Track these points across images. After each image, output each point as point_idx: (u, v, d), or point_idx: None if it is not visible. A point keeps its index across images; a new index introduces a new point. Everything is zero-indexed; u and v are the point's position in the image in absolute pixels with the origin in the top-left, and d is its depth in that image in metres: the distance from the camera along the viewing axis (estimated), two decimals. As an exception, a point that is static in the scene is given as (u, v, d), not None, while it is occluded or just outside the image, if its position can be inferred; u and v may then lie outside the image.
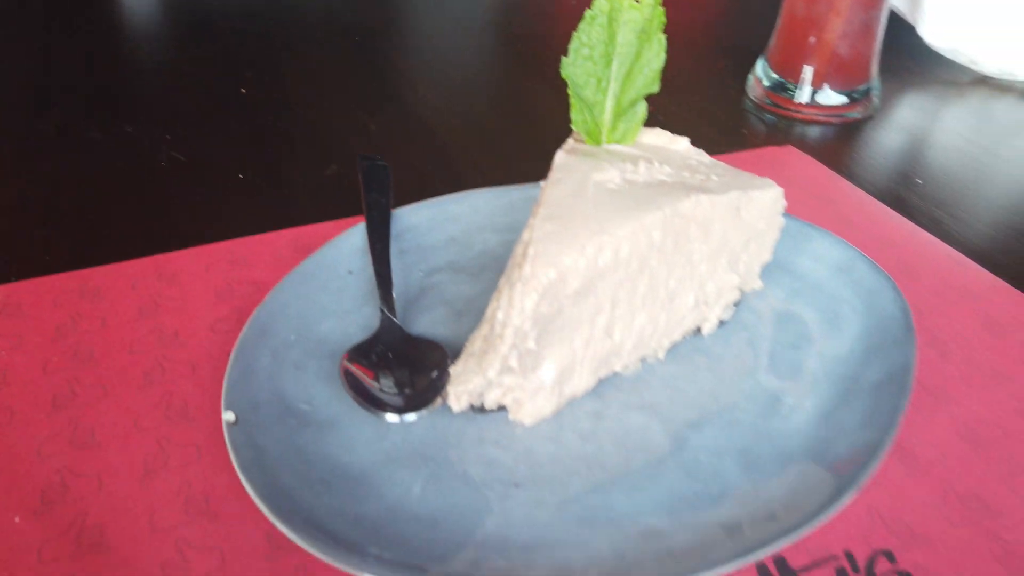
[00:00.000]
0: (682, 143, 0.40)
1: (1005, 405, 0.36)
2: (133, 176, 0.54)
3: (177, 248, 0.45)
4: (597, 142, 0.39)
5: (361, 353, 0.35)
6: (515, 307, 0.29)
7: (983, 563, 0.29)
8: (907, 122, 0.64)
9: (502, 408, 0.33)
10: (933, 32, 0.70)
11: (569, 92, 0.38)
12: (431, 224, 0.44)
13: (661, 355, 0.37)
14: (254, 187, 0.53)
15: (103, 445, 0.33)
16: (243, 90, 0.66)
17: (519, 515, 0.29)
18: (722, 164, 0.38)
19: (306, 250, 0.45)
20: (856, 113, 0.63)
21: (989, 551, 0.29)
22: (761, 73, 0.66)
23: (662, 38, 0.38)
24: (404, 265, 0.42)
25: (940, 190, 0.54)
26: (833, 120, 0.62)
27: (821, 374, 0.35)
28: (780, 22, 0.64)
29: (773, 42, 0.65)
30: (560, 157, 0.36)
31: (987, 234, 0.49)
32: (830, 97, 0.62)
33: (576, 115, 0.39)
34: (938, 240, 0.47)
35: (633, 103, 0.39)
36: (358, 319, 0.38)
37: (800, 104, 0.63)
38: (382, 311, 0.37)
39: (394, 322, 0.37)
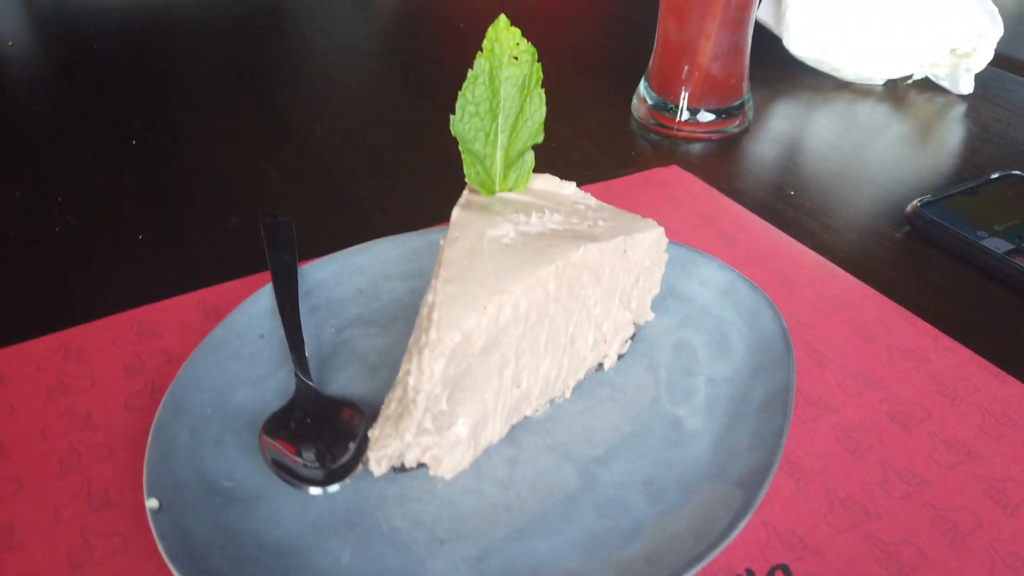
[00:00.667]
0: (569, 188, 0.42)
1: (877, 409, 0.40)
2: (26, 245, 0.52)
3: (81, 321, 0.45)
4: (491, 192, 0.41)
5: (279, 424, 0.36)
6: (424, 373, 0.31)
7: (866, 566, 0.32)
8: (779, 132, 0.69)
9: (422, 465, 0.34)
10: (797, 43, 0.75)
11: (460, 148, 0.40)
12: (337, 278, 0.45)
13: (567, 395, 0.39)
14: (154, 247, 0.52)
15: (24, 544, 0.33)
16: (134, 141, 0.65)
17: (445, 572, 0.30)
18: (607, 207, 0.41)
19: (214, 313, 0.45)
20: (733, 128, 0.67)
21: (870, 554, 0.33)
22: (644, 94, 0.69)
23: (541, 92, 0.40)
24: (315, 323, 0.43)
25: (811, 199, 0.58)
26: (712, 136, 0.66)
27: (713, 398, 0.38)
28: (656, 45, 0.67)
29: (652, 64, 0.68)
30: (456, 213, 0.38)
31: (854, 240, 0.54)
32: (707, 115, 0.66)
33: (468, 169, 0.41)
34: (811, 251, 0.51)
35: (521, 153, 0.41)
36: (274, 384, 0.39)
37: (681, 123, 0.66)
38: (296, 376, 0.38)
39: (310, 386, 0.38)
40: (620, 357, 0.41)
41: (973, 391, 0.41)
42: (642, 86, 0.70)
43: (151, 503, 0.31)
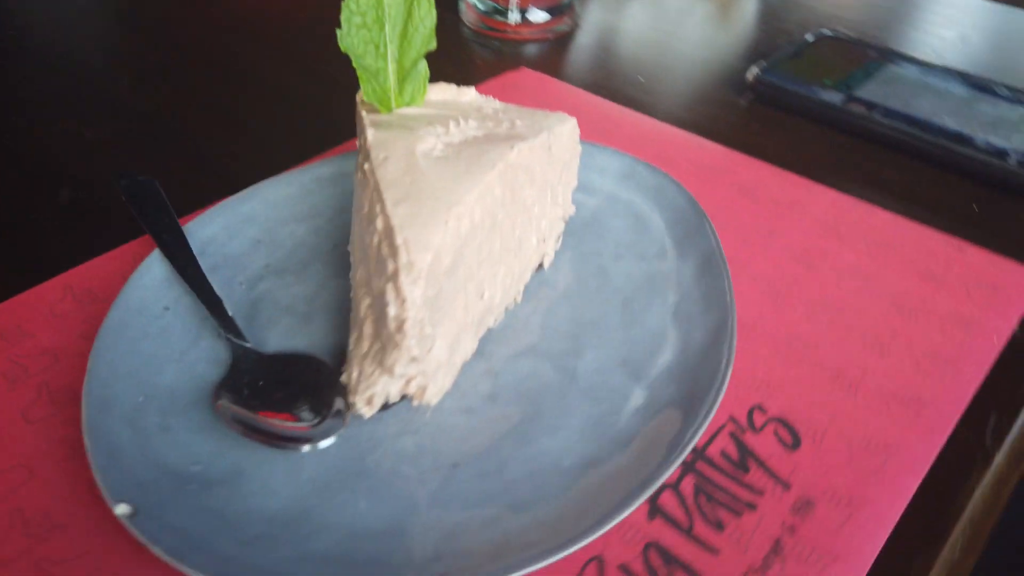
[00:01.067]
0: (469, 93, 0.41)
1: (782, 256, 0.43)
2: None
3: (-83, 341, 0.37)
4: (388, 109, 0.39)
5: (232, 391, 0.32)
6: (407, 299, 0.29)
7: (823, 389, 0.36)
8: (606, 25, 0.70)
9: (404, 398, 0.32)
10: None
11: (354, 64, 0.37)
12: (229, 232, 0.41)
13: (519, 299, 0.38)
14: (-20, 238, 0.44)
15: (-35, 599, 0.27)
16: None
17: (472, 492, 0.29)
18: (513, 107, 0.40)
19: (87, 297, 0.39)
20: (564, 26, 0.67)
21: (822, 377, 0.36)
22: (473, 0, 0.67)
23: (431, -2, 0.38)
24: (220, 282, 0.38)
25: (660, 82, 0.61)
26: (548, 36, 0.66)
27: (651, 274, 0.39)
28: (476, -52, 0.65)
29: (475, -32, 0.67)
30: (372, 134, 0.35)
31: (709, 112, 0.57)
32: (539, 14, 0.66)
33: (365, 85, 0.38)
34: (678, 129, 0.54)
35: (415, 63, 0.38)
36: (200, 355, 0.35)
37: (516, 25, 0.66)
38: (229, 339, 0.34)
39: (247, 347, 0.34)
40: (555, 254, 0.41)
41: (853, 225, 0.46)
42: (467, -9, 0.68)
43: (121, 509, 0.27)
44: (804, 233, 0.45)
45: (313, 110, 0.56)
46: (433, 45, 0.38)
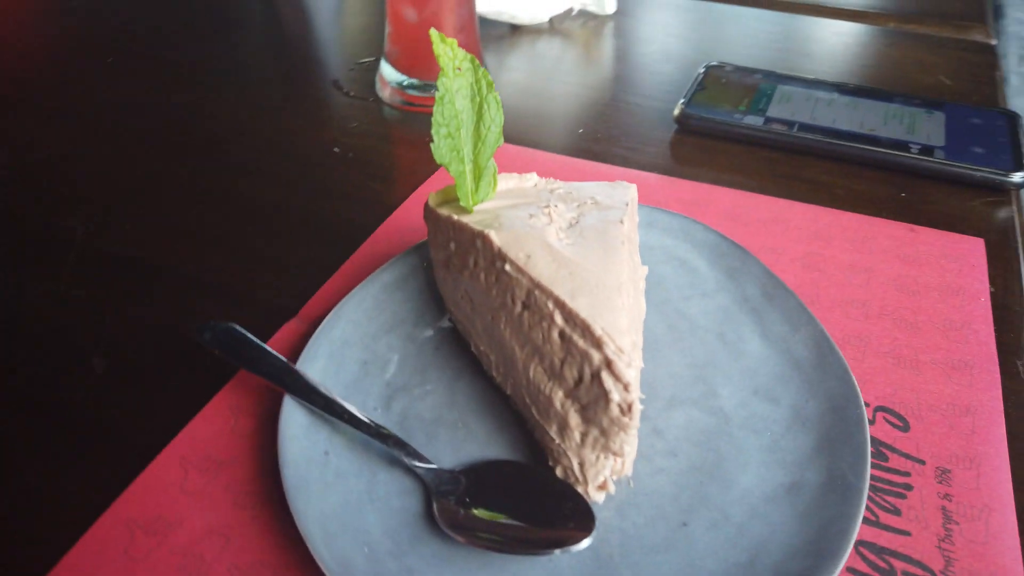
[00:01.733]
0: (532, 178, 0.43)
1: (795, 265, 0.50)
2: None
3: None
4: (471, 208, 0.40)
5: (454, 513, 0.32)
6: (630, 383, 0.31)
7: (893, 375, 0.42)
8: (519, 84, 0.74)
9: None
10: (481, 1, 0.80)
11: (452, 174, 0.39)
12: (335, 360, 0.40)
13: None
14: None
15: None
16: None
17: (713, 543, 0.32)
18: (578, 184, 0.43)
19: (211, 464, 0.37)
20: None
21: (890, 365, 0.43)
22: (389, 75, 0.69)
23: (496, 96, 0.40)
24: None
25: (598, 130, 0.66)
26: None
27: (724, 308, 0.44)
28: (392, 29, 0.67)
29: (392, 47, 0.68)
30: (498, 238, 0.36)
31: (651, 150, 0.63)
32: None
33: (460, 191, 0.39)
34: (635, 170, 0.59)
35: (487, 161, 0.40)
36: (388, 489, 0.34)
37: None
38: (415, 466, 0.34)
39: (436, 468, 0.34)
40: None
41: (828, 229, 0.53)
42: (385, 69, 0.69)
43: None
44: (796, 243, 0.52)
45: (315, 229, 0.55)
46: (502, 141, 0.40)
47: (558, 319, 0.33)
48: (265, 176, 0.59)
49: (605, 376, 0.32)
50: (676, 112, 0.65)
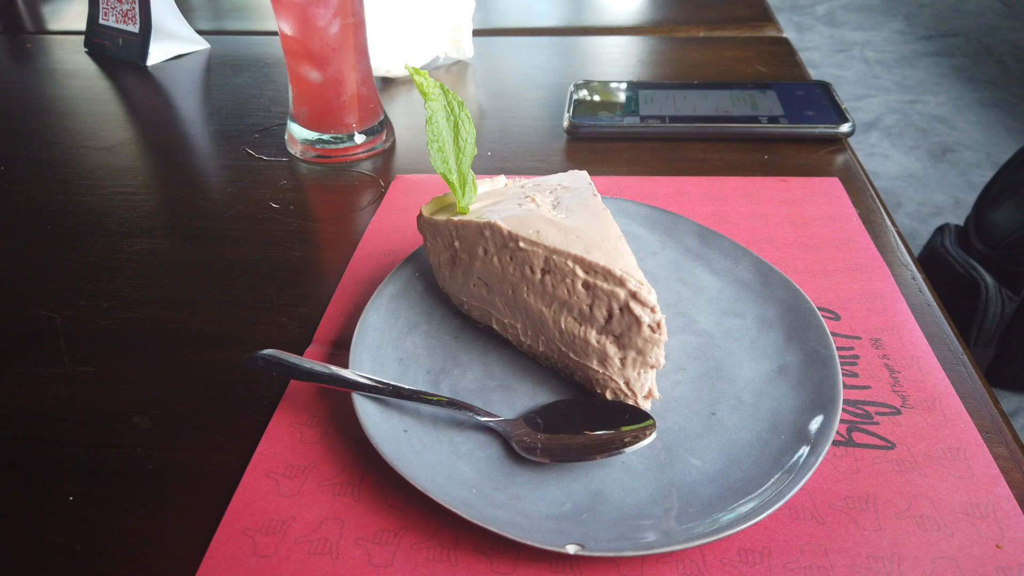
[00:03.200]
0: (501, 180, 0.50)
1: (708, 223, 0.60)
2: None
3: None
4: (465, 210, 0.47)
5: (547, 443, 0.38)
6: (655, 305, 0.39)
7: (831, 300, 0.53)
8: (411, 129, 0.81)
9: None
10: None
11: (448, 182, 0.45)
12: (379, 361, 0.44)
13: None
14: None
15: None
16: None
17: (742, 420, 0.40)
18: (536, 177, 0.51)
19: (294, 472, 0.40)
20: (382, 144, 0.76)
21: (823, 290, 0.53)
22: (297, 133, 0.73)
23: (467, 113, 0.47)
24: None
25: (505, 151, 0.74)
26: (376, 151, 0.75)
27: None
28: (297, 92, 0.72)
29: (299, 109, 0.73)
30: (508, 224, 0.43)
31: (556, 162, 0.72)
32: (360, 136, 0.74)
33: (455, 195, 0.46)
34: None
35: (468, 169, 0.47)
36: (470, 449, 0.40)
37: (351, 148, 0.73)
38: (491, 421, 0.40)
39: (508, 418, 0.40)
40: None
41: (721, 191, 0.64)
42: (294, 128, 0.74)
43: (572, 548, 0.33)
44: (701, 207, 0.62)
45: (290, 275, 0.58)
46: (476, 151, 0.47)
47: (580, 272, 0.40)
48: (222, 239, 0.62)
49: (633, 305, 0.39)
50: (565, 124, 0.75)
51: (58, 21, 1.22)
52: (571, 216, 0.44)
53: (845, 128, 0.71)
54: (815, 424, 0.39)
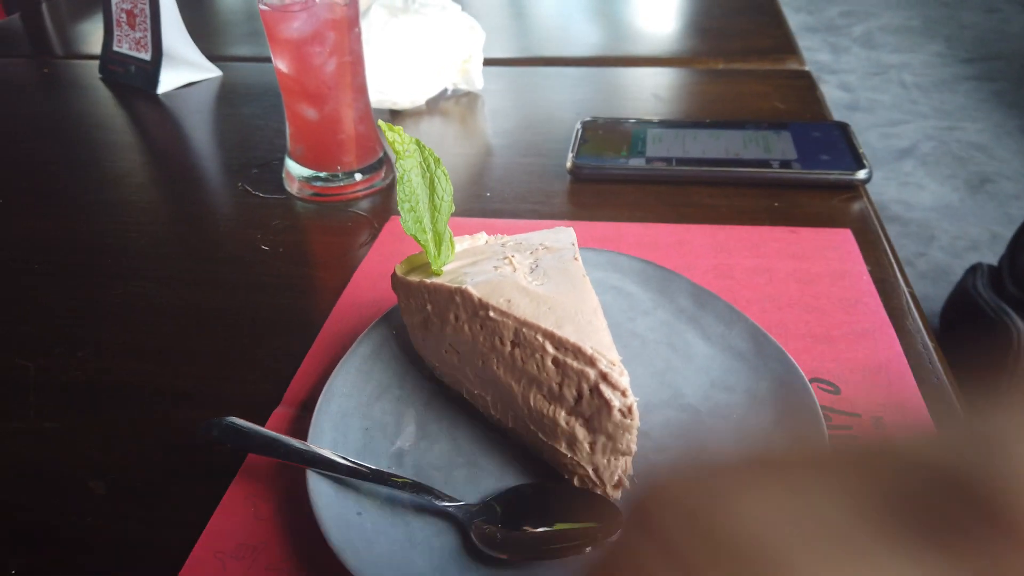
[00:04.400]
0: (482, 237, 0.48)
1: (707, 276, 0.57)
2: None
3: None
4: (439, 270, 0.45)
5: (501, 540, 0.36)
6: (626, 389, 0.36)
7: (814, 352, 0.50)
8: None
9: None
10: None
11: (420, 243, 0.43)
12: (341, 431, 0.42)
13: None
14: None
15: None
16: None
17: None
18: (523, 235, 0.48)
19: (246, 552, 0.38)
20: (381, 181, 0.74)
21: (811, 343, 0.50)
22: (295, 170, 0.72)
23: (443, 169, 0.44)
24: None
25: (503, 191, 0.72)
26: (375, 189, 0.73)
27: (665, 321, 0.50)
28: (294, 129, 0.71)
29: (296, 146, 0.71)
30: (478, 290, 0.41)
31: (557, 203, 0.70)
32: (359, 175, 0.73)
33: (429, 256, 0.44)
34: (563, 222, 0.65)
35: (444, 227, 0.45)
36: (425, 535, 0.37)
37: (349, 186, 0.72)
38: (447, 506, 0.37)
39: (465, 504, 0.38)
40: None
41: (726, 243, 0.61)
42: (291, 166, 0.72)
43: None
44: (703, 258, 0.60)
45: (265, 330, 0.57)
46: (454, 209, 0.45)
47: (549, 348, 0.38)
48: (208, 283, 0.61)
49: (603, 388, 0.36)
50: (568, 165, 0.72)
51: (84, 45, 1.23)
52: (547, 283, 0.41)
53: (861, 175, 0.68)
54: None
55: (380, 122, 0.43)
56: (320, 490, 0.38)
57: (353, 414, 0.44)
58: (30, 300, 0.60)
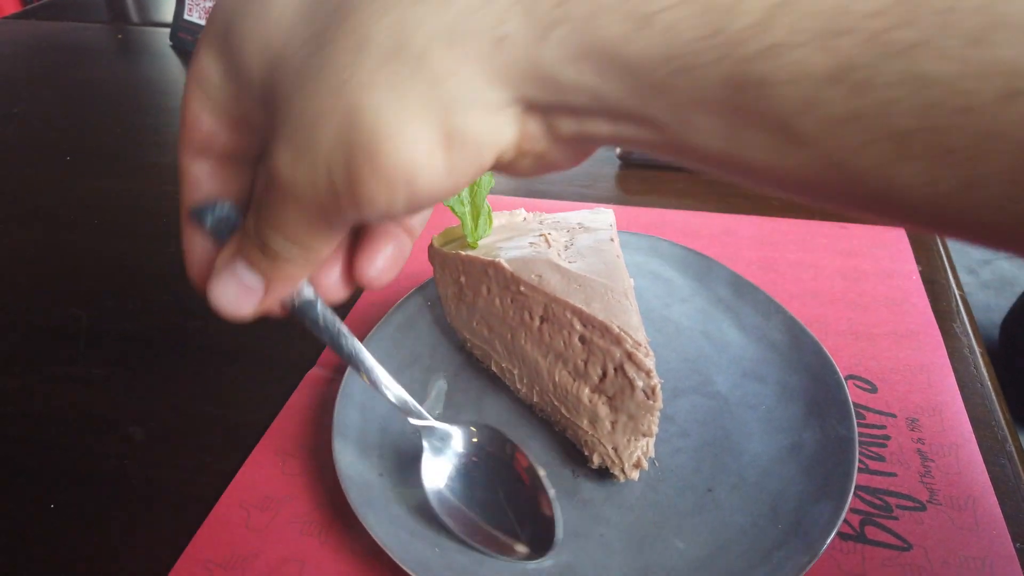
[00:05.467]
0: (521, 213, 0.48)
1: (752, 267, 0.56)
2: None
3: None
4: (475, 244, 0.45)
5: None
6: (651, 370, 0.36)
7: (853, 348, 0.48)
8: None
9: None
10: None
11: (458, 215, 0.43)
12: (364, 393, 0.43)
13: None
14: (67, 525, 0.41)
15: None
16: None
17: (737, 503, 0.37)
18: (559, 213, 0.48)
19: (268, 503, 0.39)
20: None
21: (851, 339, 0.49)
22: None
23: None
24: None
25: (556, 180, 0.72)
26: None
27: (702, 309, 0.50)
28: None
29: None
30: (512, 266, 0.41)
31: (609, 186, 0.69)
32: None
33: (465, 229, 0.44)
34: (597, 203, 0.65)
35: (482, 201, 0.45)
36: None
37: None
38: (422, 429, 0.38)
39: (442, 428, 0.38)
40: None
41: (771, 235, 0.60)
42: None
43: None
44: (748, 250, 0.58)
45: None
46: (493, 183, 0.45)
47: (577, 325, 0.38)
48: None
49: (628, 367, 0.36)
50: (618, 150, 0.72)
51: (158, 13, 1.26)
52: (580, 261, 0.41)
53: (920, 174, 0.66)
54: (819, 517, 0.35)
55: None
56: (345, 450, 0.39)
57: (382, 380, 0.44)
58: (87, 254, 0.62)
